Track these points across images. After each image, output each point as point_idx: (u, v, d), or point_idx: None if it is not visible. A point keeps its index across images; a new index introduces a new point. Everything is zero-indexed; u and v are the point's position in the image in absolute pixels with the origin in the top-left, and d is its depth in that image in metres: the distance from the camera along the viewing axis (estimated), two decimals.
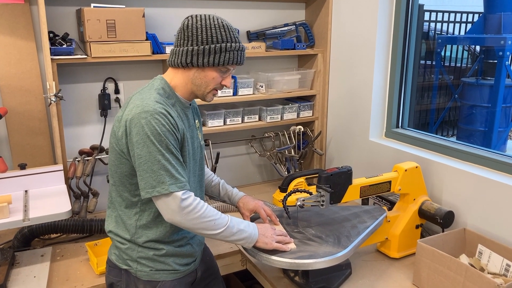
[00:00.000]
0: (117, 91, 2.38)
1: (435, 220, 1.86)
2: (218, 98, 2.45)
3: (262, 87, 2.59)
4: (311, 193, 1.74)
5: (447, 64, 5.36)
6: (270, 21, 2.71)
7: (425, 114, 5.16)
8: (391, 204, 2.08)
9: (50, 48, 1.99)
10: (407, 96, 2.42)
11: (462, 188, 1.95)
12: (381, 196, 2.16)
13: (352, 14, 2.47)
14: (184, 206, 1.34)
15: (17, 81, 2.10)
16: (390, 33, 2.35)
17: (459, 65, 5.38)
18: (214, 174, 1.82)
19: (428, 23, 5.22)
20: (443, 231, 1.88)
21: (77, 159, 2.23)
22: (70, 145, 2.28)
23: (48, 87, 2.00)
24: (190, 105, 1.54)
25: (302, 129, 2.75)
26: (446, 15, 5.34)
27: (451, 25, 5.44)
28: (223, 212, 1.58)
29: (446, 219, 1.85)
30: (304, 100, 2.80)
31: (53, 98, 1.99)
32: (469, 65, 5.35)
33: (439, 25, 5.36)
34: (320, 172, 1.70)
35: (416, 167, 1.90)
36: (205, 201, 1.46)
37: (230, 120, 2.55)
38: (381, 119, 2.47)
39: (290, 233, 1.66)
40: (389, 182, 1.85)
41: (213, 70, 1.43)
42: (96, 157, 2.27)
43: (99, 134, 2.37)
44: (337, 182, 1.69)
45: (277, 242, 1.53)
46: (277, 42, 2.62)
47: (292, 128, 2.77)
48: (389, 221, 1.88)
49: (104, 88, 2.34)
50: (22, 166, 1.99)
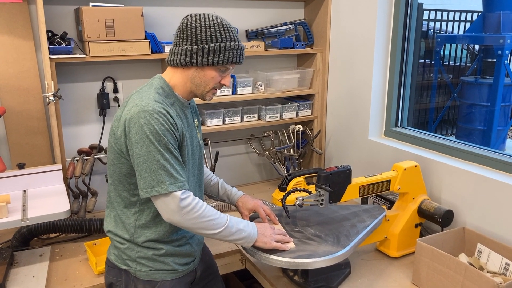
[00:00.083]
0: (116, 90, 2.37)
1: (435, 219, 1.86)
2: (217, 97, 2.45)
3: (261, 86, 2.59)
4: (310, 192, 1.74)
5: (446, 63, 5.37)
6: (269, 20, 2.71)
7: (424, 113, 5.16)
8: (390, 203, 2.08)
9: (49, 47, 1.98)
10: (406, 95, 2.42)
11: (462, 187, 1.95)
12: (380, 195, 2.16)
13: (351, 13, 2.47)
14: (183, 206, 1.34)
15: (15, 81, 2.09)
16: (389, 32, 2.35)
17: (458, 64, 5.39)
18: (213, 173, 1.82)
19: (427, 22, 5.22)
20: (442, 230, 1.88)
21: (76, 159, 2.22)
22: (69, 145, 2.28)
23: (46, 86, 1.99)
24: (189, 104, 1.54)
25: (301, 128, 2.75)
26: (445, 14, 5.35)
27: (450, 24, 5.45)
28: (222, 211, 1.58)
29: (445, 218, 1.85)
30: (303, 99, 2.80)
31: (52, 98, 1.99)
32: (468, 64, 5.35)
33: (438, 24, 5.36)
34: (319, 171, 1.70)
35: (415, 166, 1.90)
36: (204, 200, 1.45)
37: (229, 119, 2.54)
38: (380, 118, 2.47)
39: (289, 232, 1.65)
40: (388, 181, 1.85)
41: (212, 69, 1.43)
42: (95, 156, 2.26)
43: (98, 134, 2.37)
44: (336, 181, 1.69)
45: (276, 241, 1.53)
46: (276, 41, 2.62)
47: (291, 127, 2.77)
48: (388, 220, 1.88)
49: (102, 88, 2.34)
50: (21, 166, 1.99)
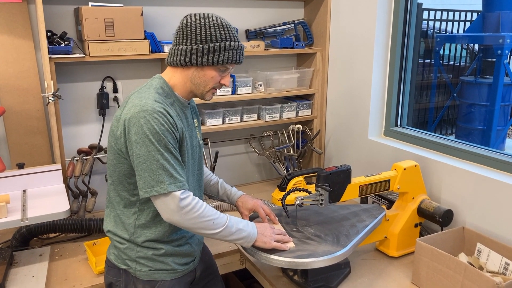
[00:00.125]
0: (115, 90, 2.37)
1: (434, 219, 1.86)
2: (217, 97, 2.44)
3: (261, 86, 2.59)
4: (310, 192, 1.74)
5: (445, 62, 5.37)
6: (269, 19, 2.70)
7: (424, 112, 5.16)
8: (390, 203, 2.08)
9: (48, 47, 1.98)
10: (406, 95, 2.42)
11: (461, 186, 1.95)
12: (380, 195, 2.16)
13: (351, 12, 2.47)
14: (182, 206, 1.34)
15: (15, 80, 2.09)
16: (389, 32, 2.35)
17: (457, 63, 5.39)
18: (213, 173, 1.82)
19: (426, 22, 5.22)
20: (442, 230, 1.88)
21: (75, 158, 2.22)
22: (69, 144, 2.28)
23: (46, 86, 1.99)
24: (189, 104, 1.54)
25: (301, 128, 2.75)
26: (445, 13, 5.35)
27: (450, 23, 5.45)
28: (222, 211, 1.58)
29: (445, 218, 1.85)
30: (303, 99, 2.80)
31: (51, 97, 1.98)
32: (467, 64, 5.35)
33: (437, 23, 5.36)
34: (319, 171, 1.70)
35: (415, 166, 1.90)
36: (204, 200, 1.45)
37: (229, 119, 2.54)
38: (380, 117, 2.47)
39: (289, 232, 1.65)
40: (388, 181, 1.85)
41: (212, 69, 1.43)
42: (95, 156, 2.26)
43: (98, 133, 2.37)
44: (336, 181, 1.69)
45: (276, 241, 1.53)
46: (276, 41, 2.62)
47: (291, 127, 2.76)
48: (388, 219, 1.88)
49: (102, 87, 2.33)
50: (20, 166, 1.99)
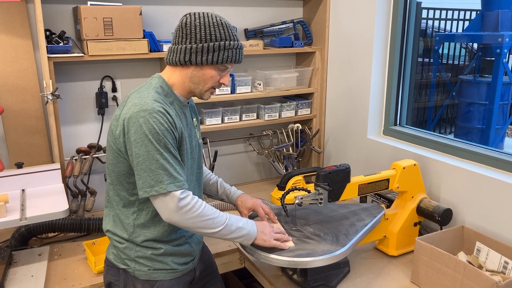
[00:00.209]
0: (114, 89, 2.37)
1: (433, 218, 1.86)
2: (216, 96, 2.44)
3: (260, 85, 2.58)
4: (309, 191, 1.74)
5: (444, 61, 5.37)
6: (268, 18, 2.70)
7: (423, 111, 5.17)
8: (389, 202, 2.08)
9: (47, 46, 1.98)
10: (405, 94, 2.42)
11: (460, 185, 1.95)
12: (379, 194, 2.16)
13: (350, 11, 2.47)
14: (182, 206, 1.34)
15: (13, 80, 2.09)
16: (388, 31, 2.35)
17: (456, 62, 5.39)
18: (212, 172, 1.82)
19: (425, 21, 5.22)
20: (441, 229, 1.88)
21: (74, 158, 2.22)
22: (68, 144, 2.27)
23: (44, 85, 1.99)
24: (188, 103, 1.54)
25: (300, 127, 2.75)
26: (444, 12, 5.35)
27: (449, 22, 5.45)
28: (221, 210, 1.57)
29: (444, 217, 1.85)
30: (302, 98, 2.80)
31: (50, 97, 1.98)
32: (466, 63, 5.35)
33: (436, 22, 5.36)
34: (318, 170, 1.70)
35: (414, 165, 1.90)
36: (203, 199, 1.45)
37: (228, 118, 2.54)
38: (379, 116, 2.47)
39: (288, 231, 1.65)
40: (387, 180, 1.85)
41: (211, 68, 1.43)
42: (94, 155, 2.26)
43: (97, 133, 2.37)
44: (335, 180, 1.69)
45: (275, 239, 1.53)
46: (275, 40, 2.62)
47: (290, 126, 2.76)
48: (387, 219, 1.88)
49: (101, 87, 2.33)
50: (19, 165, 1.99)
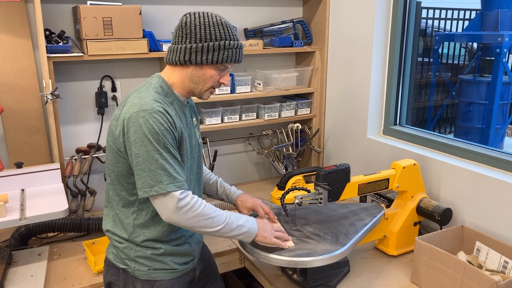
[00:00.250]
0: (114, 89, 2.37)
1: (433, 218, 1.86)
2: (215, 96, 2.44)
3: (259, 84, 2.58)
4: (309, 191, 1.73)
5: (444, 61, 5.37)
6: (268, 18, 2.70)
7: (422, 111, 5.17)
8: (389, 202, 2.08)
9: (46, 46, 1.98)
10: (404, 94, 2.42)
11: (460, 185, 1.95)
12: (379, 193, 2.16)
13: (350, 11, 2.46)
14: (181, 206, 1.34)
15: (13, 79, 2.08)
16: (387, 31, 2.35)
17: (456, 62, 5.39)
18: (212, 172, 1.81)
19: (425, 20, 5.22)
20: (441, 229, 1.88)
21: (74, 158, 2.22)
22: (67, 144, 2.27)
23: (44, 85, 1.99)
24: (188, 103, 1.54)
25: (300, 127, 2.74)
26: (444, 12, 5.35)
27: (449, 22, 5.45)
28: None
29: (444, 216, 1.85)
30: (302, 97, 2.80)
31: (50, 96, 1.98)
32: (466, 62, 5.35)
33: (436, 22, 5.36)
34: (318, 169, 1.70)
35: (414, 165, 1.90)
36: (203, 199, 1.45)
37: (228, 118, 2.54)
38: (379, 116, 2.47)
39: (288, 231, 1.65)
40: (387, 179, 1.85)
41: (211, 68, 1.43)
42: (93, 155, 2.26)
43: (96, 132, 2.36)
44: (335, 179, 1.69)
45: (275, 237, 1.53)
46: (275, 40, 2.62)
47: (290, 125, 2.76)
48: (387, 218, 1.88)
49: (101, 86, 2.33)
50: (19, 165, 1.99)
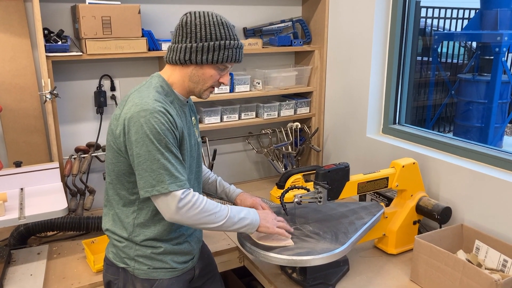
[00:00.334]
0: (113, 88, 2.37)
1: (433, 216, 1.86)
2: (214, 95, 2.44)
3: (259, 83, 2.58)
4: (308, 190, 1.74)
5: (443, 60, 5.37)
6: (267, 17, 2.70)
7: (422, 110, 5.17)
8: (389, 200, 2.08)
9: (45, 45, 1.97)
10: (404, 93, 2.42)
11: (459, 184, 1.95)
12: (378, 192, 2.16)
13: (349, 10, 2.46)
14: (183, 205, 1.34)
15: (11, 79, 2.08)
16: (387, 30, 2.35)
17: (455, 61, 5.39)
18: (211, 171, 1.82)
19: (424, 20, 5.22)
20: (440, 227, 1.88)
21: (73, 157, 2.22)
22: (66, 143, 2.27)
23: (43, 84, 1.98)
24: (187, 102, 1.54)
25: (299, 126, 2.74)
26: (443, 11, 5.35)
27: (448, 21, 5.45)
28: None
29: (443, 215, 1.85)
30: (301, 96, 2.80)
31: (49, 96, 1.98)
32: (465, 61, 5.35)
33: (435, 21, 5.36)
34: (317, 168, 1.70)
35: (414, 163, 1.90)
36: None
37: (227, 117, 2.54)
38: (378, 115, 2.47)
39: None
40: (387, 178, 1.85)
41: (211, 67, 1.43)
42: (92, 154, 2.26)
43: (95, 132, 2.36)
44: (334, 178, 1.69)
45: (278, 227, 1.53)
46: (274, 39, 2.61)
47: (289, 124, 2.76)
48: (386, 217, 1.88)
49: (100, 85, 2.33)
50: (18, 164, 1.98)
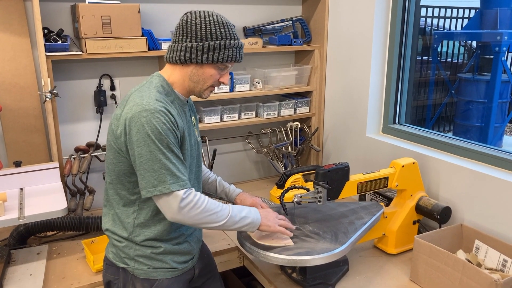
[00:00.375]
0: (113, 87, 2.36)
1: (432, 216, 1.86)
2: (214, 95, 2.44)
3: (259, 83, 2.58)
4: (308, 190, 1.73)
5: (443, 59, 5.37)
6: (267, 16, 2.70)
7: (421, 110, 5.17)
8: (388, 200, 2.08)
9: (45, 44, 1.97)
10: (404, 92, 2.42)
11: (459, 183, 1.95)
12: (378, 192, 2.16)
13: (349, 9, 2.46)
14: (185, 205, 1.34)
15: (11, 78, 2.08)
16: (387, 29, 2.35)
17: (455, 60, 5.39)
18: (211, 171, 1.81)
19: (424, 19, 5.22)
20: (440, 227, 1.88)
21: (73, 156, 2.22)
22: (66, 142, 2.27)
23: (43, 83, 1.98)
24: (187, 102, 1.54)
25: (299, 125, 2.74)
26: (443, 10, 5.35)
27: (448, 20, 5.45)
28: None
29: (443, 215, 1.85)
30: (301, 96, 2.80)
31: (48, 95, 1.98)
32: (465, 61, 5.35)
33: (435, 20, 5.36)
34: (317, 168, 1.70)
35: (413, 163, 1.90)
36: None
37: (227, 116, 2.54)
38: (378, 115, 2.47)
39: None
40: (386, 178, 1.85)
41: (211, 67, 1.42)
42: (92, 154, 2.26)
43: (95, 131, 2.36)
44: (334, 178, 1.69)
45: (279, 226, 1.54)
46: (274, 38, 2.61)
47: (289, 124, 2.76)
48: (386, 217, 1.88)
49: (99, 85, 2.33)
50: (17, 164, 1.98)
